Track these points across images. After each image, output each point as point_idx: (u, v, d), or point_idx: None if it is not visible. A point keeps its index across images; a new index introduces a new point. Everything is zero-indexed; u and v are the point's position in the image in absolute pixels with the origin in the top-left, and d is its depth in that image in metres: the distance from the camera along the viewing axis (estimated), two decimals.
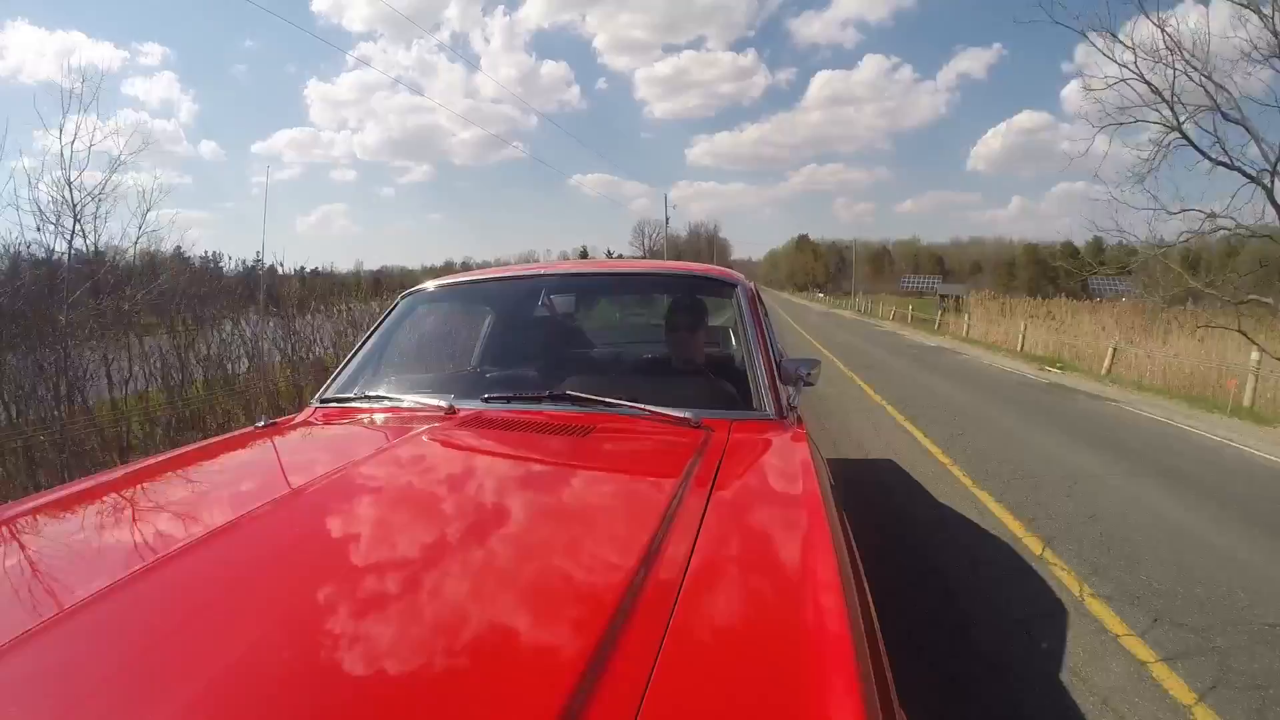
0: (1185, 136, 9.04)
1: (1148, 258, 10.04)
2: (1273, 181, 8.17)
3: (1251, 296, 9.38)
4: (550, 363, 1.90)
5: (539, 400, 1.52)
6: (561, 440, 1.33)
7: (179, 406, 5.33)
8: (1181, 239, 9.53)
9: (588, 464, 1.25)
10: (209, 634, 0.67)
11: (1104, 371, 10.80)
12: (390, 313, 2.02)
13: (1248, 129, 8.58)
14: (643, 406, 1.41)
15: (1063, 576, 3.06)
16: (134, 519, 1.05)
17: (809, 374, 1.79)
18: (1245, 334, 8.77)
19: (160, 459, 1.37)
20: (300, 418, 1.64)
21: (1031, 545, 3.40)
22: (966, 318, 19.76)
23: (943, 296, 34.81)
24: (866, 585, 0.87)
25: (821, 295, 62.52)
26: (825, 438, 5.35)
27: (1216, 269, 9.91)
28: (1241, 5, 8.29)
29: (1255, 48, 8.31)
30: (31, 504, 1.11)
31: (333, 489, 1.05)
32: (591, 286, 2.41)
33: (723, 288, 1.99)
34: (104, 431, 4.61)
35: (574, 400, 1.48)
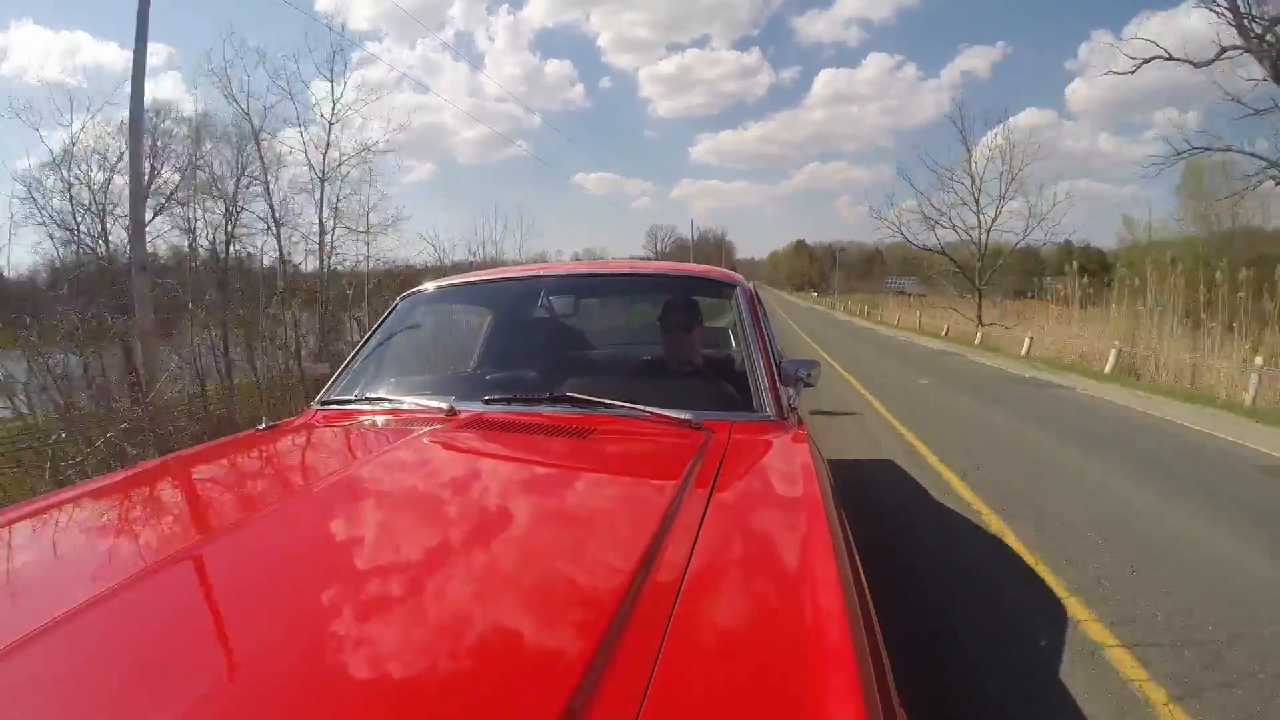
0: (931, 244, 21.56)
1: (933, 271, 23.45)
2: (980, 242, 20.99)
3: (962, 292, 21.24)
4: (550, 364, 1.89)
5: (539, 402, 1.51)
6: (562, 442, 1.33)
7: None
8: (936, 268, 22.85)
9: (588, 466, 1.25)
10: (211, 637, 0.67)
11: (895, 323, 24.70)
12: (390, 314, 2.01)
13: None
14: (643, 408, 1.41)
15: (833, 363, 11.50)
16: (136, 521, 1.05)
17: (809, 375, 1.79)
18: (953, 308, 20.91)
19: (162, 461, 1.37)
20: (301, 420, 1.63)
21: (820, 352, 13.98)
22: (871, 308, 34.38)
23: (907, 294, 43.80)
24: (866, 586, 0.87)
25: (815, 294, 71.59)
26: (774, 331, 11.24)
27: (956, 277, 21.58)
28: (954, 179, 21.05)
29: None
30: (34, 506, 1.10)
31: (334, 491, 1.05)
32: (591, 287, 2.39)
33: (722, 289, 1.98)
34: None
35: (574, 402, 1.47)
